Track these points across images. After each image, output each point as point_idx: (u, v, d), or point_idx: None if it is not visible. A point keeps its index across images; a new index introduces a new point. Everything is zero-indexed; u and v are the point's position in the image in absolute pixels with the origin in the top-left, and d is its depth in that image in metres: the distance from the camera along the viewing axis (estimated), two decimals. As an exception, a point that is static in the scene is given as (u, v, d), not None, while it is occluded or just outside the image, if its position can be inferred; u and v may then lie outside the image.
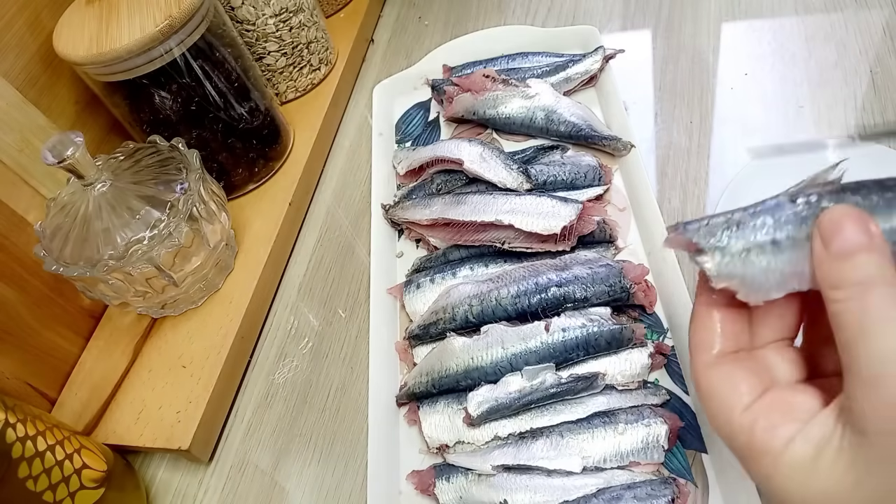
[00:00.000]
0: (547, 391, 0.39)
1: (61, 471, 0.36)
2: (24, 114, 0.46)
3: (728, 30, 0.60)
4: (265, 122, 0.55)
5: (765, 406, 0.24)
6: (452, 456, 0.39)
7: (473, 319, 0.43)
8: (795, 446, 0.22)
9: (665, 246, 0.27)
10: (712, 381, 0.26)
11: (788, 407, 0.24)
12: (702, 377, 0.26)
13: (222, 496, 0.43)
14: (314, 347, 0.49)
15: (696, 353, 0.27)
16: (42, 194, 0.47)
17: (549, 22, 0.66)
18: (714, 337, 0.26)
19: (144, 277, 0.43)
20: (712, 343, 0.26)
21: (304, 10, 0.59)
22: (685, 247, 0.25)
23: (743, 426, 0.24)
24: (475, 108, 0.56)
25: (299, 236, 0.56)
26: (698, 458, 0.37)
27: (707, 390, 0.26)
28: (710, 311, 0.26)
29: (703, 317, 0.27)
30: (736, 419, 0.24)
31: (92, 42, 0.44)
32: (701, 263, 0.25)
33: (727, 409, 0.25)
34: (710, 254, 0.24)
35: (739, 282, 0.24)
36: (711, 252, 0.24)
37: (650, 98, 0.56)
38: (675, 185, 0.50)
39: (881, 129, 0.25)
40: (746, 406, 0.24)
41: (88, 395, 0.46)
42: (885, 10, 0.57)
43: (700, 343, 0.26)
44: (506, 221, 0.44)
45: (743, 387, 0.25)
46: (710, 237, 0.25)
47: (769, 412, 0.24)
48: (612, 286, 0.42)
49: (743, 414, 0.24)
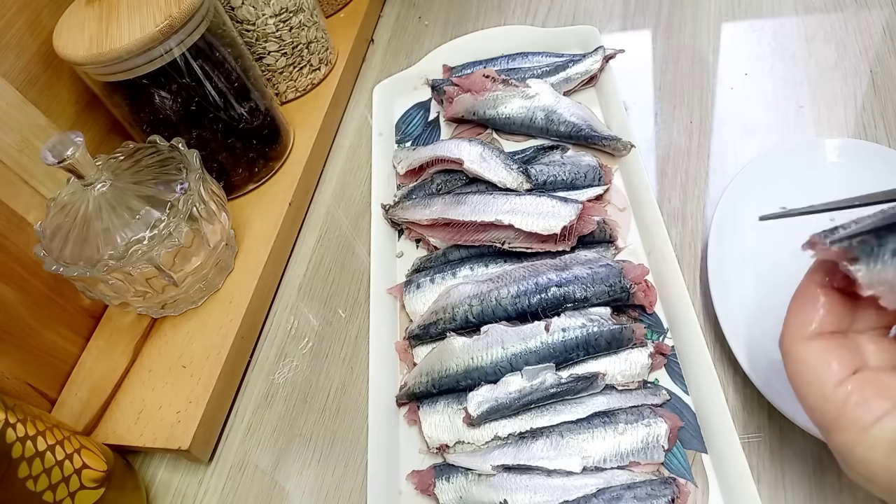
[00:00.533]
0: (547, 391, 0.39)
1: (61, 471, 0.36)
2: (24, 114, 0.46)
3: (728, 30, 0.60)
4: (265, 122, 0.55)
5: (859, 382, 0.25)
6: (452, 456, 0.39)
7: (473, 319, 0.43)
8: (885, 422, 0.24)
9: (815, 254, 0.27)
10: (806, 355, 0.27)
11: (883, 386, 0.25)
12: (796, 349, 0.27)
13: (222, 496, 0.43)
14: (314, 347, 0.49)
15: (793, 326, 0.28)
16: (42, 194, 0.47)
17: (549, 22, 0.66)
18: (815, 315, 0.27)
19: (144, 277, 0.43)
20: (812, 320, 0.27)
21: (304, 10, 0.59)
22: (836, 256, 0.27)
23: (837, 398, 0.25)
24: (475, 109, 0.56)
25: (299, 236, 0.56)
26: (698, 458, 0.37)
27: (800, 363, 0.27)
28: (817, 290, 0.28)
29: (810, 295, 0.28)
30: (829, 392, 0.26)
31: (92, 42, 0.44)
32: (854, 272, 0.26)
33: (820, 382, 0.26)
34: (863, 262, 0.26)
35: (887, 288, 0.26)
36: (865, 260, 0.26)
37: (650, 98, 0.56)
38: (675, 185, 0.50)
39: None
40: (840, 381, 0.26)
41: (88, 395, 0.46)
42: (885, 10, 0.57)
43: (800, 318, 0.28)
44: (506, 221, 0.44)
45: (835, 364, 0.26)
46: (863, 245, 0.26)
47: (863, 387, 0.25)
48: (612, 286, 0.42)
49: (836, 388, 0.25)
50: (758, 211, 0.45)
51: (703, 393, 0.38)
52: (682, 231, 0.48)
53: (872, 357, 0.27)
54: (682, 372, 0.40)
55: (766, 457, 0.37)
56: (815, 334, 0.27)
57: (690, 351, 0.40)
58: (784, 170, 0.46)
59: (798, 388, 0.27)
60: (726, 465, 0.35)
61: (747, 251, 0.44)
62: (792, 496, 0.36)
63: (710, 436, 0.37)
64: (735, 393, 0.40)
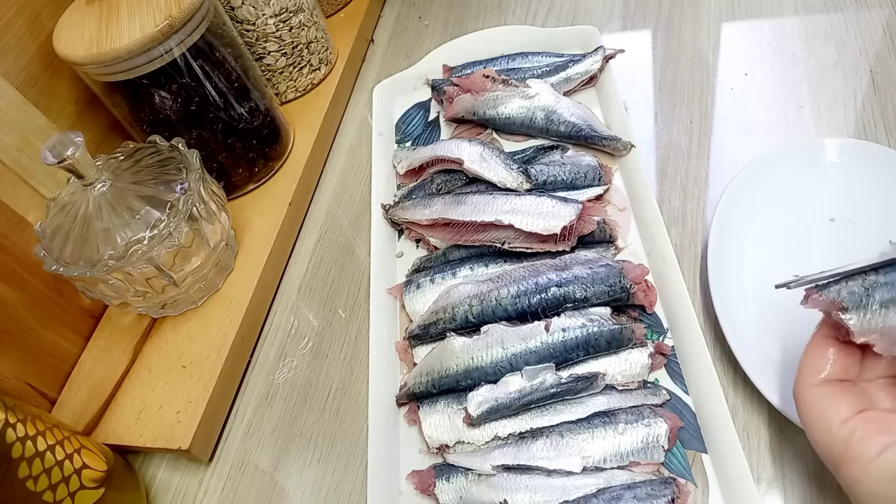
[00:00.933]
0: (547, 391, 0.39)
1: (61, 471, 0.36)
2: (24, 114, 0.45)
3: (728, 30, 0.60)
4: (265, 122, 0.55)
5: (864, 419, 0.27)
6: (452, 456, 0.39)
7: (473, 319, 0.43)
8: (887, 454, 0.25)
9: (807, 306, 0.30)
10: (815, 398, 0.29)
11: (886, 423, 0.27)
12: (806, 393, 0.30)
13: (222, 496, 0.43)
14: (314, 347, 0.49)
15: (804, 373, 0.30)
16: (42, 194, 0.47)
17: (549, 22, 0.66)
18: (825, 364, 0.30)
19: (144, 277, 0.43)
20: (822, 368, 0.30)
21: (304, 10, 0.59)
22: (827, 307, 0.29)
23: (841, 436, 0.27)
24: (475, 109, 0.56)
25: (299, 236, 0.56)
26: (698, 458, 0.37)
27: (809, 405, 0.29)
28: (826, 342, 0.30)
29: (819, 346, 0.30)
30: (835, 430, 0.27)
31: (92, 42, 0.44)
32: (845, 321, 0.29)
33: (827, 422, 0.28)
34: (853, 311, 0.29)
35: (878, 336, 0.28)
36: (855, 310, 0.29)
37: (650, 98, 0.56)
38: (675, 185, 0.50)
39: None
40: (846, 419, 0.27)
41: (88, 395, 0.46)
42: (885, 10, 0.57)
43: (811, 365, 0.30)
44: (506, 221, 0.44)
45: (843, 405, 0.28)
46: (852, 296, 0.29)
47: (866, 424, 0.27)
48: (612, 286, 0.42)
49: (842, 426, 0.27)
50: (758, 211, 0.45)
51: (703, 393, 0.38)
52: (682, 231, 0.48)
53: (882, 402, 0.29)
54: (682, 372, 0.40)
55: (766, 457, 0.37)
56: (824, 381, 0.29)
57: (690, 351, 0.40)
58: (784, 170, 0.46)
59: (809, 429, 0.29)
60: (726, 465, 0.35)
61: (747, 251, 0.44)
62: (792, 496, 0.36)
63: (710, 436, 0.37)
64: (735, 393, 0.40)
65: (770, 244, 0.44)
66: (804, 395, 0.30)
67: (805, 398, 0.30)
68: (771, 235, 0.44)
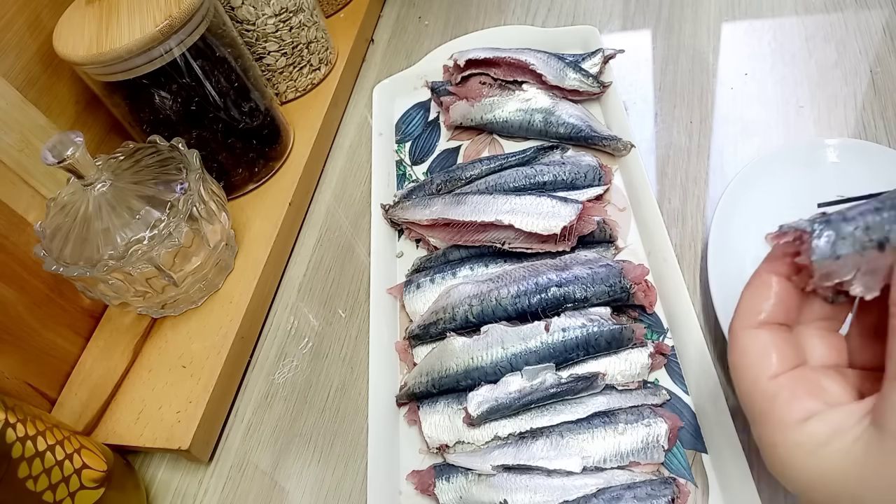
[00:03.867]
0: (547, 391, 0.39)
1: (61, 471, 0.36)
2: (24, 114, 0.45)
3: (728, 30, 0.60)
4: (265, 122, 0.55)
5: (792, 379, 0.25)
6: (452, 456, 0.39)
7: (473, 319, 0.43)
8: (811, 424, 0.23)
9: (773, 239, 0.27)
10: (748, 343, 0.26)
11: (815, 387, 0.25)
12: (739, 337, 0.27)
13: (222, 496, 0.43)
14: (314, 347, 0.49)
15: (741, 314, 0.27)
16: (42, 194, 0.47)
17: (549, 22, 0.66)
18: (765, 304, 0.27)
19: (144, 277, 0.43)
20: (760, 310, 0.27)
21: (304, 10, 0.59)
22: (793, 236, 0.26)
23: (766, 392, 0.25)
24: (472, 115, 0.56)
25: (299, 236, 0.56)
26: (698, 458, 0.37)
27: (740, 351, 0.27)
28: (769, 278, 0.27)
29: (762, 283, 0.27)
30: (761, 384, 0.25)
31: (92, 42, 0.44)
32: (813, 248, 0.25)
33: (754, 373, 0.26)
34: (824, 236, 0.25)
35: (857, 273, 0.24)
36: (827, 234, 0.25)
37: (650, 98, 0.56)
38: (675, 185, 0.50)
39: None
40: (774, 375, 0.25)
41: (88, 395, 0.46)
42: (885, 10, 0.57)
43: (749, 306, 0.27)
44: (506, 221, 0.44)
45: (775, 356, 0.26)
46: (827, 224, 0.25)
47: (795, 385, 0.25)
48: (612, 286, 0.42)
49: (769, 381, 0.25)
50: (758, 211, 0.45)
51: (703, 393, 0.38)
52: (682, 231, 0.48)
53: (816, 352, 0.27)
54: (682, 372, 0.40)
55: (766, 457, 0.37)
56: (761, 323, 0.27)
57: (690, 351, 0.40)
58: (784, 170, 0.46)
59: (735, 375, 0.27)
60: (726, 465, 0.35)
61: (747, 251, 0.44)
62: (792, 496, 0.36)
63: (710, 436, 0.37)
64: (735, 393, 0.40)
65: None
66: (738, 338, 0.27)
67: (739, 341, 0.27)
68: (771, 235, 0.44)
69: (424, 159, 0.57)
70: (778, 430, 0.24)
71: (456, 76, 0.57)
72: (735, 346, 0.27)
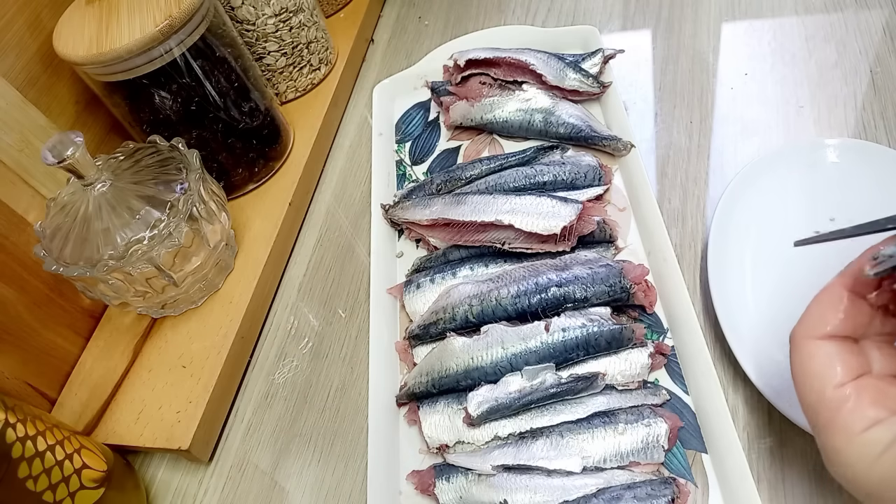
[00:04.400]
0: (547, 391, 0.39)
1: (61, 471, 0.36)
2: (24, 114, 0.45)
3: (728, 30, 0.60)
4: (265, 122, 0.55)
5: (858, 387, 0.26)
6: (452, 456, 0.39)
7: (473, 319, 0.43)
8: (875, 431, 0.24)
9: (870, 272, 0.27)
10: (815, 353, 0.27)
11: (879, 394, 0.25)
12: (803, 346, 0.27)
13: (222, 496, 0.43)
14: (314, 347, 0.49)
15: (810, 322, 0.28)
16: (42, 194, 0.47)
17: (549, 22, 0.66)
18: (834, 317, 0.27)
19: (144, 277, 0.43)
20: (827, 322, 0.27)
21: (304, 10, 0.59)
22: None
23: (832, 402, 0.26)
24: (472, 115, 0.56)
25: (299, 236, 0.56)
26: (698, 458, 0.37)
27: (807, 359, 0.27)
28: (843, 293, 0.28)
29: (835, 296, 0.28)
30: (828, 394, 0.26)
31: (92, 42, 0.44)
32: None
33: (822, 382, 0.26)
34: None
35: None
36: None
37: (650, 98, 0.56)
38: (675, 185, 0.50)
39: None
40: (840, 384, 0.26)
41: (88, 395, 0.46)
42: (885, 10, 0.57)
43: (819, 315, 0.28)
44: (506, 221, 0.44)
45: (840, 367, 0.26)
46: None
47: (861, 393, 0.25)
48: (612, 286, 0.42)
49: (835, 390, 0.26)
50: (758, 211, 0.45)
51: (703, 393, 0.38)
52: (682, 231, 0.48)
53: (876, 363, 0.27)
54: (682, 372, 0.40)
55: (766, 457, 0.37)
56: (828, 335, 0.27)
57: (690, 351, 0.40)
58: (784, 170, 0.46)
59: (799, 384, 0.27)
60: (726, 465, 0.35)
61: (747, 251, 0.44)
62: (792, 496, 0.36)
63: (710, 436, 0.37)
64: (735, 393, 0.40)
65: (770, 244, 0.44)
66: (804, 347, 0.27)
67: (804, 350, 0.27)
68: (771, 235, 0.44)
69: (424, 159, 0.57)
70: (842, 437, 0.25)
71: (456, 76, 0.57)
72: (800, 353, 0.28)
